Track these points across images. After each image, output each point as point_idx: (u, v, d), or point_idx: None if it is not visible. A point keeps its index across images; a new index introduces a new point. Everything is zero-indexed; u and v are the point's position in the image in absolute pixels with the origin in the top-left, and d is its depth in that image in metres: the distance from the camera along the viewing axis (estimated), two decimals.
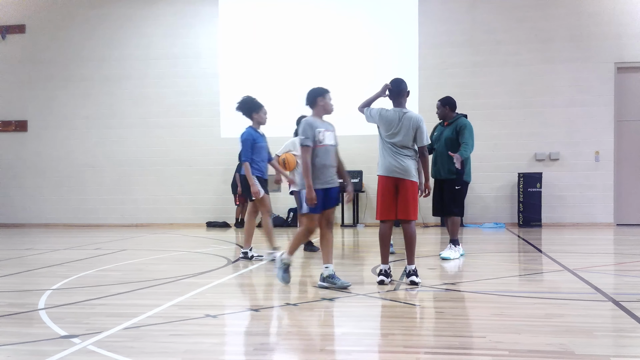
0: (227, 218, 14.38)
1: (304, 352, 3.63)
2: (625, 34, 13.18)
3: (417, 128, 5.70)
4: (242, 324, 4.47)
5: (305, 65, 14.21)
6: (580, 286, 5.66)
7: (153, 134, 14.97)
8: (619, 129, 13.29)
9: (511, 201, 13.52)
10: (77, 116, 15.25)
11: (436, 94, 13.66)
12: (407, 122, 5.70)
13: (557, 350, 3.53)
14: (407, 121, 5.71)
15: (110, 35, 15.19)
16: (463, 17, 13.83)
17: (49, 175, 15.39)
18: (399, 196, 5.72)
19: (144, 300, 5.24)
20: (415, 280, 5.65)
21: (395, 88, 5.90)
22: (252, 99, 7.80)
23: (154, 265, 7.64)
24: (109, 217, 15.12)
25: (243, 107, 7.71)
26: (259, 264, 7.49)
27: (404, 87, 5.92)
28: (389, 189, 5.74)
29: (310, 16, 14.41)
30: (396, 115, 5.76)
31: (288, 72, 14.26)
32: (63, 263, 7.82)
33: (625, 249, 8.90)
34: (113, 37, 15.18)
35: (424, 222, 13.75)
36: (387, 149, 5.77)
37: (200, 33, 14.82)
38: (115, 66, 15.14)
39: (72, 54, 15.32)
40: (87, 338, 3.87)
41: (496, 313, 4.52)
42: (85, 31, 15.29)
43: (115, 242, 10.58)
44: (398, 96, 5.89)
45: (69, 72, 15.31)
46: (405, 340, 3.89)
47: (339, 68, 13.91)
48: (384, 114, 5.83)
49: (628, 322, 4.22)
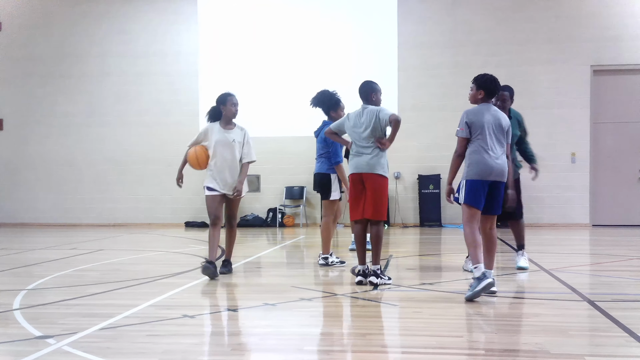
0: (206, 218, 14.21)
1: (282, 352, 3.62)
2: (602, 37, 13.36)
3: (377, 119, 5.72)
4: (220, 324, 4.45)
5: (284, 65, 14.22)
6: (556, 286, 5.72)
7: (132, 132, 14.85)
8: (595, 131, 13.47)
9: None
10: (55, 114, 15.08)
11: (416, 94, 13.85)
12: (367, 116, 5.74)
13: (533, 350, 3.56)
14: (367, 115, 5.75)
15: (89, 32, 15.05)
16: (443, 18, 13.91)
17: (25, 174, 15.18)
18: (366, 192, 5.72)
19: (120, 300, 5.19)
20: (374, 281, 5.63)
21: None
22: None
23: (131, 265, 7.58)
24: (86, 217, 14.96)
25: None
26: (237, 264, 7.45)
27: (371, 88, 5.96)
28: (356, 186, 5.76)
29: (289, 16, 14.40)
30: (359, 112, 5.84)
31: (267, 72, 14.25)
32: (39, 263, 7.72)
33: (600, 250, 9.02)
34: (92, 34, 15.04)
35: (403, 223, 13.83)
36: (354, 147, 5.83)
37: (180, 31, 14.74)
38: (94, 63, 15.00)
39: (50, 50, 15.15)
40: (63, 338, 3.83)
41: (473, 313, 4.56)
42: (64, 28, 15.13)
43: (93, 242, 10.48)
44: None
45: (47, 69, 15.13)
46: (383, 340, 3.90)
47: (318, 68, 13.92)
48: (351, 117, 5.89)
49: (603, 321, 4.27)
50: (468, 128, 5.13)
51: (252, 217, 14.13)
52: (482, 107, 5.21)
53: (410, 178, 13.92)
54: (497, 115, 5.17)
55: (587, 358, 3.40)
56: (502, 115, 5.23)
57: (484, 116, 5.12)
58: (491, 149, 5.06)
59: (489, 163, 5.04)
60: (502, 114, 5.24)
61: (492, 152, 5.06)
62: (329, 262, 7.11)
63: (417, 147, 13.65)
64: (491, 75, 5.36)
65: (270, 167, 14.28)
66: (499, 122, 5.15)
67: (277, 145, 14.18)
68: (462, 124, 5.17)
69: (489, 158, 5.04)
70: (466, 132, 5.14)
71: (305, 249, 9.71)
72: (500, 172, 5.09)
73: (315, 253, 8.17)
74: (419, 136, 13.62)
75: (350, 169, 5.82)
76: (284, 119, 13.91)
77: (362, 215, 5.74)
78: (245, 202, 14.41)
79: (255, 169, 14.38)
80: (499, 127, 5.13)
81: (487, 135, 5.07)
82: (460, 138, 5.17)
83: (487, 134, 5.08)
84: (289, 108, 13.79)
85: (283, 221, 14.07)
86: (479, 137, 5.09)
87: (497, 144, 5.10)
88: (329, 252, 7.17)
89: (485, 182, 5.06)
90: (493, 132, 5.10)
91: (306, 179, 14.13)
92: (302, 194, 14.21)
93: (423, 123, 13.62)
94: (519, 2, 13.71)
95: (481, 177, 5.06)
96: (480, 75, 5.38)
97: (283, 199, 14.29)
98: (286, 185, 14.32)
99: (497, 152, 5.09)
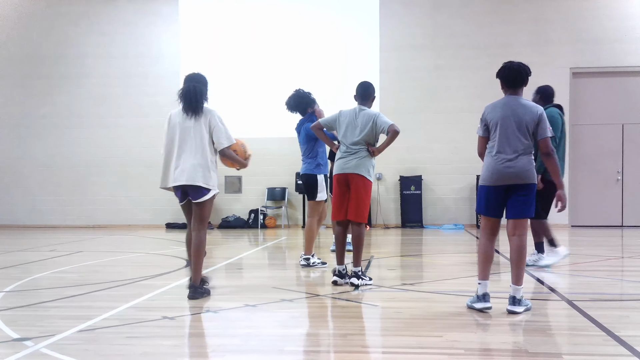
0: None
1: (262, 353, 3.61)
2: (581, 40, 13.53)
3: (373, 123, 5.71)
4: (200, 325, 4.43)
5: (267, 66, 14.20)
6: (535, 286, 5.77)
7: (113, 134, 14.72)
8: (573, 133, 13.61)
9: (470, 203, 13.71)
10: (34, 115, 14.89)
11: (398, 97, 13.91)
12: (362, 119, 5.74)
13: (511, 349, 3.59)
14: (362, 118, 5.75)
15: (68, 33, 14.89)
16: (425, 21, 13.99)
17: (2, 176, 14.97)
18: (350, 193, 5.73)
19: (99, 302, 5.14)
20: (355, 283, 5.64)
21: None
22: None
23: (111, 267, 7.52)
24: (65, 219, 14.80)
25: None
26: (218, 265, 7.42)
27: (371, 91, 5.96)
28: (341, 187, 5.76)
29: (272, 17, 14.38)
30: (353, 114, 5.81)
31: (250, 73, 14.22)
32: (16, 265, 7.63)
33: (579, 250, 9.11)
34: (71, 35, 14.89)
35: (384, 224, 13.87)
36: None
37: (161, 32, 14.65)
38: (74, 65, 14.84)
39: (28, 52, 14.96)
40: (41, 341, 3.79)
41: (453, 312, 4.58)
42: (43, 29, 14.96)
43: (72, 244, 10.37)
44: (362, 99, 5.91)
45: (25, 70, 14.94)
46: (363, 340, 3.91)
47: (301, 70, 13.90)
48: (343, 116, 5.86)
49: (581, 320, 4.32)
50: (485, 125, 4.67)
51: (233, 219, 14.07)
52: (501, 101, 4.64)
53: (392, 179, 13.97)
54: (518, 111, 4.53)
55: (565, 357, 3.43)
56: (529, 109, 4.54)
57: (499, 111, 4.57)
58: (500, 150, 4.54)
59: (495, 167, 4.54)
60: (531, 107, 4.55)
61: (500, 154, 4.53)
62: (310, 262, 7.10)
63: (398, 149, 13.67)
64: (511, 63, 4.65)
65: (252, 168, 14.07)
66: (520, 117, 4.50)
67: (259, 146, 14.05)
68: (480, 121, 4.73)
69: (495, 162, 4.54)
70: (482, 130, 4.69)
71: (286, 250, 9.70)
72: (513, 175, 4.50)
73: (297, 254, 8.16)
74: (401, 138, 13.44)
75: (336, 169, 5.82)
76: (267, 120, 13.88)
77: (345, 217, 5.76)
78: (227, 203, 14.37)
79: (236, 170, 14.33)
80: (520, 123, 4.50)
81: (499, 133, 4.55)
82: (479, 137, 4.75)
83: (498, 133, 4.55)
84: (271, 109, 13.70)
85: (265, 222, 14.04)
86: (493, 136, 4.60)
87: (511, 144, 4.51)
88: (311, 252, 7.17)
89: (499, 187, 4.56)
90: (508, 129, 4.51)
91: (288, 180, 14.11)
92: (284, 195, 14.18)
93: (405, 125, 13.49)
94: (499, 6, 13.84)
95: (489, 182, 4.59)
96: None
97: (265, 200, 14.25)
98: (268, 186, 14.30)
99: (508, 153, 4.52)
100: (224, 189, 14.29)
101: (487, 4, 13.87)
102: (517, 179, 4.52)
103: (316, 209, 7.18)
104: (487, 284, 4.61)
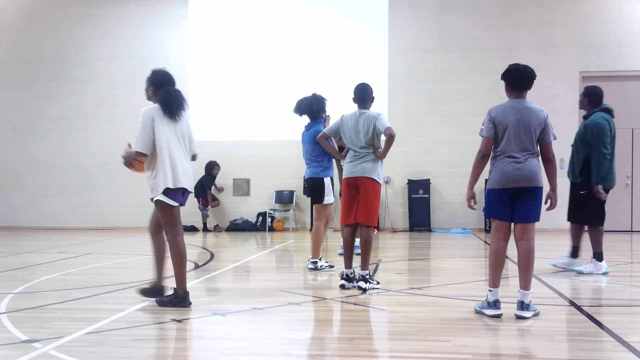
0: (194, 222, 14.27)
1: (269, 356, 3.61)
2: (590, 44, 13.48)
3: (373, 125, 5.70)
4: (207, 328, 4.42)
5: (274, 70, 14.20)
6: (543, 290, 5.75)
7: (119, 136, 14.71)
8: None
9: (478, 207, 13.62)
10: (42, 117, 14.95)
11: (406, 99, 13.90)
12: (363, 122, 5.74)
13: (519, 354, 3.58)
14: (363, 120, 5.75)
15: (75, 36, 14.95)
16: (432, 24, 13.98)
17: (11, 178, 15.03)
18: (359, 196, 5.73)
19: (107, 304, 5.16)
20: (362, 286, 5.65)
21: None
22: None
23: (118, 269, 7.54)
24: (73, 220, 14.85)
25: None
26: (226, 268, 7.43)
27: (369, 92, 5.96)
28: (350, 190, 5.77)
29: (279, 20, 14.39)
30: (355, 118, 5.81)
31: (257, 76, 14.22)
32: (25, 267, 7.66)
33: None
34: (79, 38, 14.94)
35: (392, 227, 13.85)
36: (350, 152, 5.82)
37: (168, 34, 14.68)
38: (81, 67, 14.90)
39: (36, 54, 15.03)
40: (49, 343, 3.80)
41: (461, 317, 4.57)
42: (50, 31, 15.03)
43: (80, 246, 10.41)
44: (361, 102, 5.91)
45: (33, 72, 15.01)
46: (370, 344, 3.91)
47: (308, 73, 13.90)
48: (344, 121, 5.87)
49: (589, 326, 4.30)
50: (493, 127, 4.58)
51: (241, 221, 14.08)
52: (508, 104, 4.62)
53: (400, 183, 13.94)
54: (526, 114, 4.54)
55: None
56: (536, 113, 4.57)
57: (509, 115, 4.54)
58: (510, 154, 4.53)
59: (506, 170, 4.53)
60: (537, 111, 4.59)
61: (510, 158, 4.52)
62: (318, 266, 7.10)
63: (406, 152, 13.65)
64: (517, 65, 4.64)
65: (260, 172, 14.26)
66: (528, 121, 4.53)
67: (267, 150, 14.18)
68: (485, 122, 4.63)
69: (507, 164, 4.53)
70: (490, 131, 4.59)
71: (294, 253, 9.70)
72: (523, 178, 4.52)
73: (305, 257, 8.16)
74: (409, 141, 13.62)
75: (345, 173, 5.82)
76: (274, 123, 13.89)
77: (354, 220, 5.76)
78: (235, 206, 14.38)
79: (245, 173, 14.39)
80: (528, 127, 4.52)
81: (509, 137, 4.53)
82: (484, 138, 4.63)
83: (508, 136, 4.53)
84: (279, 112, 13.76)
85: (272, 225, 14.04)
86: (502, 139, 4.56)
87: (521, 147, 4.53)
88: (318, 256, 7.17)
89: (508, 190, 4.56)
90: (517, 133, 4.51)
91: (296, 184, 14.11)
92: (292, 198, 14.19)
93: (412, 128, 13.65)
94: (507, 9, 13.81)
95: (499, 185, 4.57)
96: None
97: (273, 203, 14.25)
98: (276, 189, 14.31)
99: (518, 157, 4.52)
100: (232, 192, 14.32)
101: (494, 8, 13.84)
102: (526, 182, 4.54)
103: (323, 212, 7.17)
104: (497, 291, 4.61)
